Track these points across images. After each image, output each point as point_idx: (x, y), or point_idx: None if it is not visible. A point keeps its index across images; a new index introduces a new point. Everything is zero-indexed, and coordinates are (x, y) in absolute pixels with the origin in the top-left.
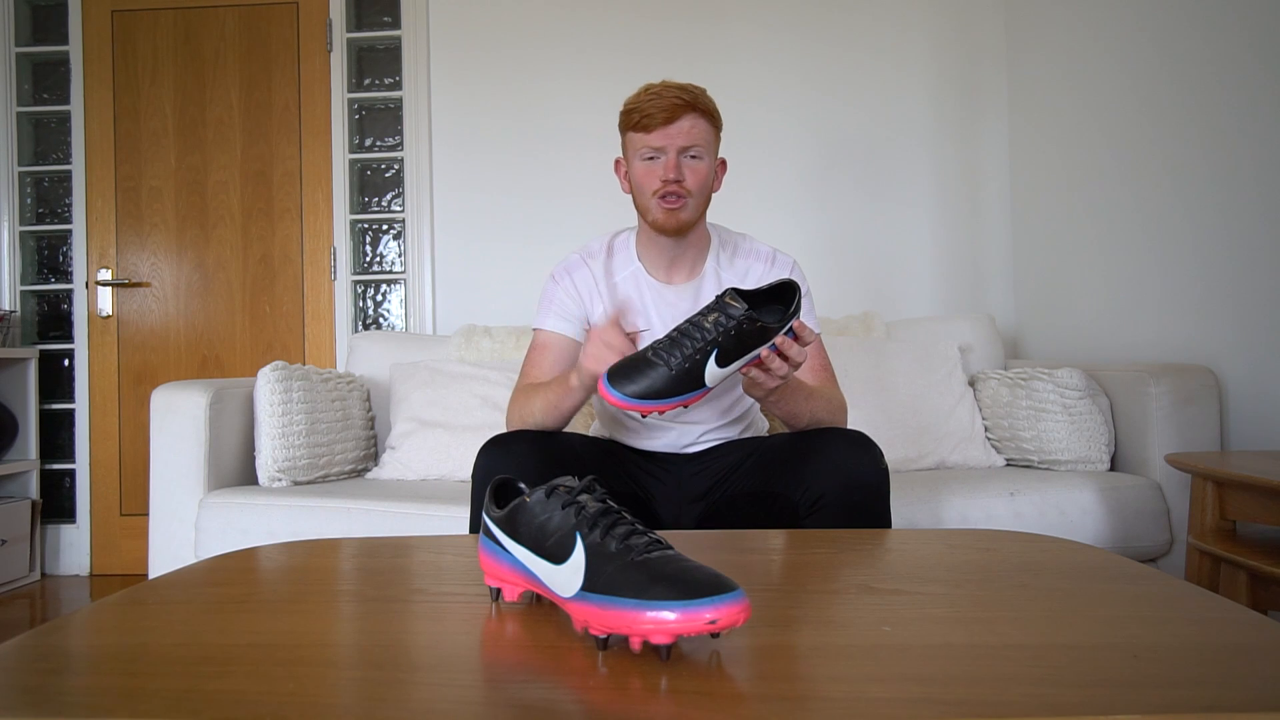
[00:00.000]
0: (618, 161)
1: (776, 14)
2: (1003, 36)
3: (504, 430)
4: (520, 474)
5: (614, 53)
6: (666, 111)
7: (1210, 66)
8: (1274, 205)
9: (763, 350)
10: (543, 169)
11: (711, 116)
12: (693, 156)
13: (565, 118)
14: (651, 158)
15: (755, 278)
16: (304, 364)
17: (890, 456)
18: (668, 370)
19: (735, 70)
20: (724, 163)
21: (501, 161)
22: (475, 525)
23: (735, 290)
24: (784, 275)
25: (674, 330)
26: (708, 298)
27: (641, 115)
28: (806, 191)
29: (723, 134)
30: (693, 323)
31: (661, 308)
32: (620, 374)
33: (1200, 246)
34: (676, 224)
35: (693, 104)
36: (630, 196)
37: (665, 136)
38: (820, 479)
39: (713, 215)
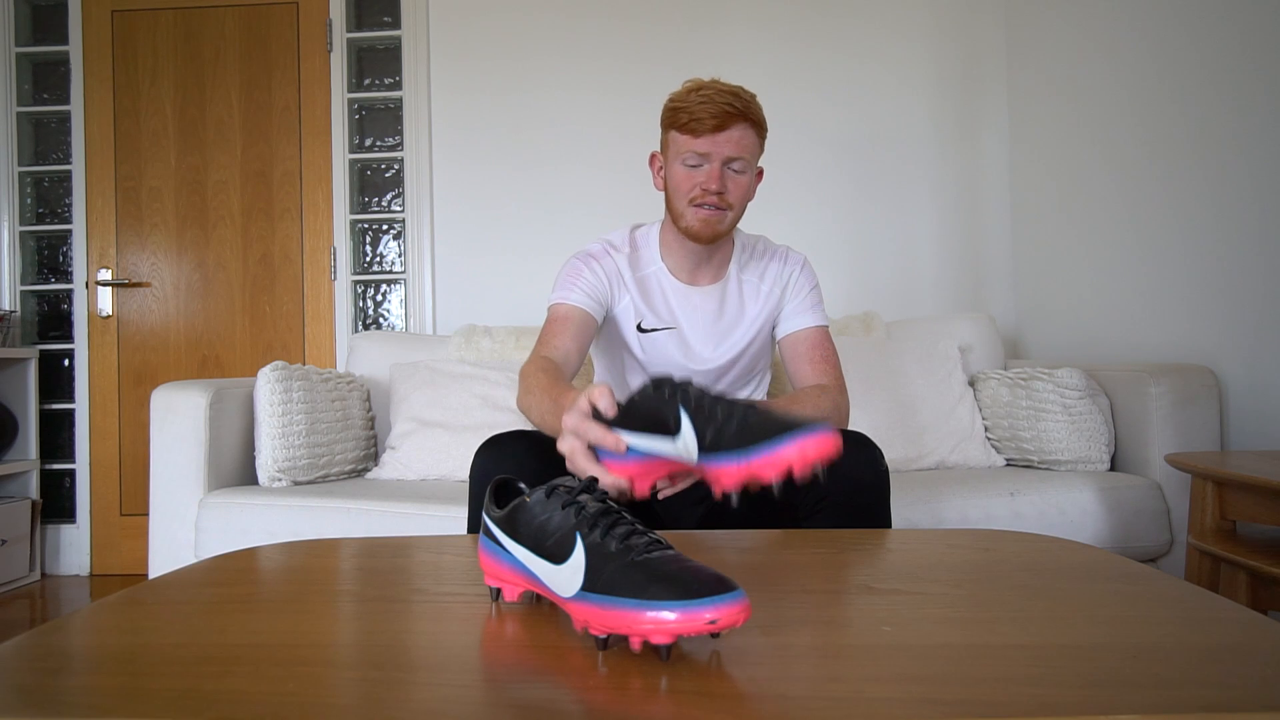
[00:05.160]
0: (653, 155)
1: (777, 20)
2: (1002, 40)
3: (502, 429)
4: (518, 474)
5: (613, 52)
6: (717, 118)
7: (1207, 69)
8: (1272, 205)
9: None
10: (543, 168)
11: (759, 126)
12: (736, 170)
13: (565, 117)
14: (695, 164)
15: (773, 276)
16: (304, 364)
17: (890, 456)
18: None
19: (736, 76)
20: (761, 171)
21: (502, 161)
22: (473, 525)
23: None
24: (794, 271)
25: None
26: (732, 300)
27: (690, 117)
28: (807, 192)
29: None
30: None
31: (687, 310)
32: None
33: (1200, 246)
34: (712, 234)
35: (744, 113)
36: (663, 194)
37: (712, 144)
38: (820, 480)
39: None
